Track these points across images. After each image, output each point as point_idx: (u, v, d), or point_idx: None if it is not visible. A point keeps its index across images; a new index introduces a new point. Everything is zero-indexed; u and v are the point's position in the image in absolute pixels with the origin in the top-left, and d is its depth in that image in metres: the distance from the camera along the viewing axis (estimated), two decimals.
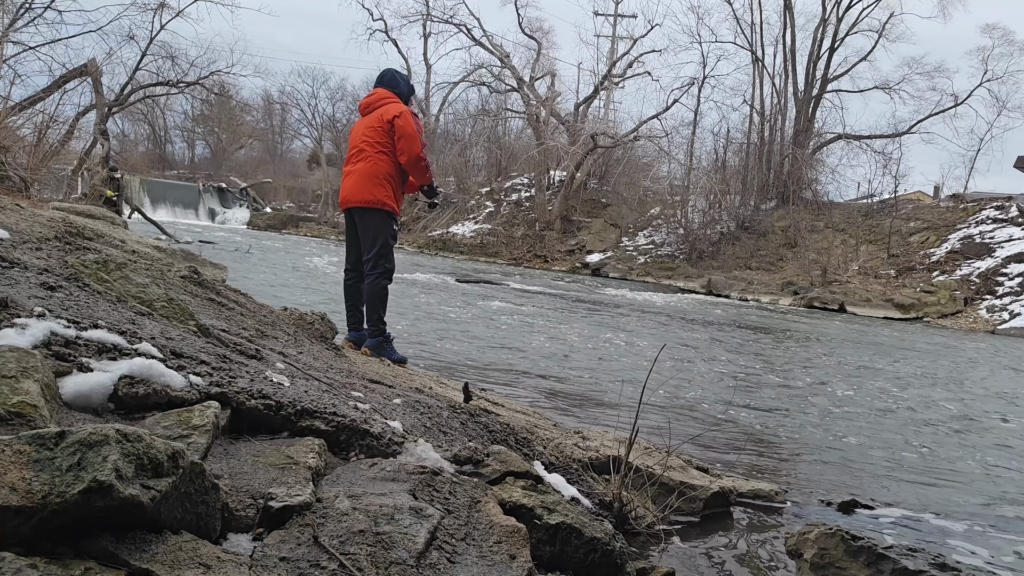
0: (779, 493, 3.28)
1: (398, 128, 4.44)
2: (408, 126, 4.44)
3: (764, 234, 27.02)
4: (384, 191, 4.48)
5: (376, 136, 4.49)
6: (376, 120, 4.51)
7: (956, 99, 29.48)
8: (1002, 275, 20.77)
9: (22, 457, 1.08)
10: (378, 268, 4.50)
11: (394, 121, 4.45)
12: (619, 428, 3.85)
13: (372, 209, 4.48)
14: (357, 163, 4.54)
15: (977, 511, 3.47)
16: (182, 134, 51.36)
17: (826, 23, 29.70)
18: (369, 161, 4.49)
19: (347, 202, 4.58)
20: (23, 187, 8.78)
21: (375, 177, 4.47)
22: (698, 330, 11.24)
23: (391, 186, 4.52)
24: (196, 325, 2.59)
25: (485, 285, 15.79)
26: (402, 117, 4.45)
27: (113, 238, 5.00)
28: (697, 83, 30.33)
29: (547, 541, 1.91)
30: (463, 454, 2.08)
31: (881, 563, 2.04)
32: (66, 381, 1.58)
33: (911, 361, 9.80)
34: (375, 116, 4.53)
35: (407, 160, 4.47)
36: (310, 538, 1.36)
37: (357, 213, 4.56)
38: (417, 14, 34.29)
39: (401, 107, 4.53)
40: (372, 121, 4.53)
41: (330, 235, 33.73)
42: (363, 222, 4.54)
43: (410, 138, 4.43)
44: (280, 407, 1.90)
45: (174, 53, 25.46)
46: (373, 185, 4.46)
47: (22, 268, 2.38)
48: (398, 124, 4.44)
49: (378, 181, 4.47)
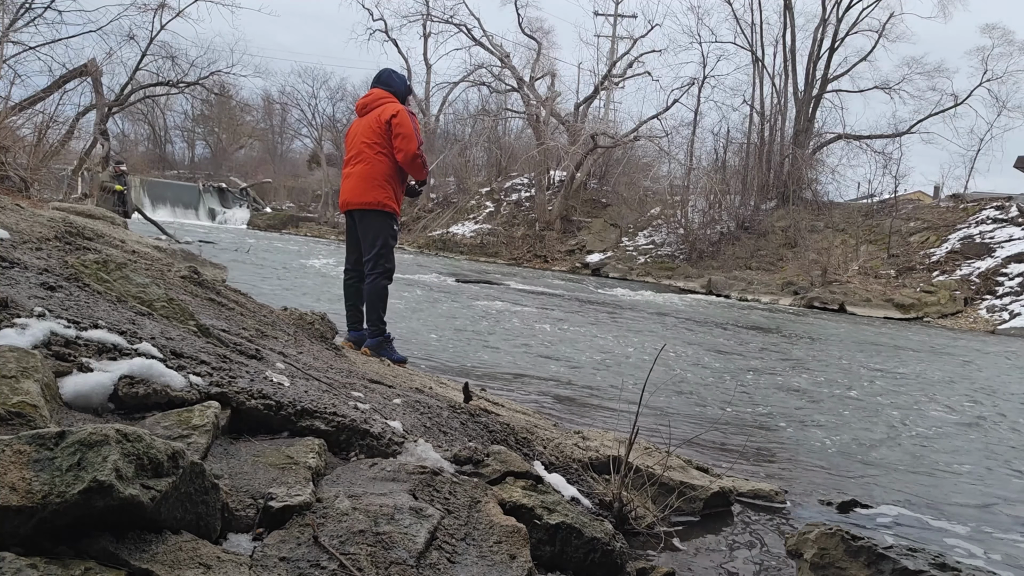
0: (779, 493, 3.28)
1: (395, 126, 4.45)
2: (405, 124, 4.45)
3: (764, 234, 27.02)
4: (384, 192, 4.49)
5: (375, 137, 4.50)
6: (374, 121, 4.52)
7: (956, 99, 29.48)
8: (1002, 275, 20.77)
9: (22, 457, 1.08)
10: (378, 268, 4.51)
11: (391, 120, 4.46)
12: (619, 428, 3.85)
13: (373, 211, 4.50)
14: (356, 165, 4.56)
15: (977, 511, 3.47)
16: (182, 134, 51.39)
17: (826, 23, 29.70)
18: (368, 163, 4.50)
19: (347, 204, 4.59)
20: (23, 187, 8.78)
21: (375, 179, 4.48)
22: (698, 330, 11.24)
23: (391, 187, 4.53)
24: (196, 325, 2.59)
25: (485, 285, 15.79)
26: (399, 116, 4.47)
27: (113, 238, 5.00)
28: (697, 83, 30.33)
29: (547, 541, 1.91)
30: (463, 454, 2.08)
31: (881, 563, 2.04)
32: (66, 381, 1.58)
33: (911, 361, 9.80)
34: (372, 117, 4.54)
35: (403, 158, 4.48)
36: (310, 538, 1.36)
37: (357, 215, 4.58)
38: (417, 14, 34.30)
39: (398, 106, 4.54)
40: (370, 122, 4.54)
41: (330, 235, 33.73)
42: (363, 223, 4.55)
43: (407, 136, 4.44)
44: (280, 407, 1.90)
45: (174, 53, 25.48)
46: (373, 187, 4.48)
47: (22, 268, 2.38)
48: (395, 123, 4.46)
49: (378, 183, 4.48)
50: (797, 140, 29.27)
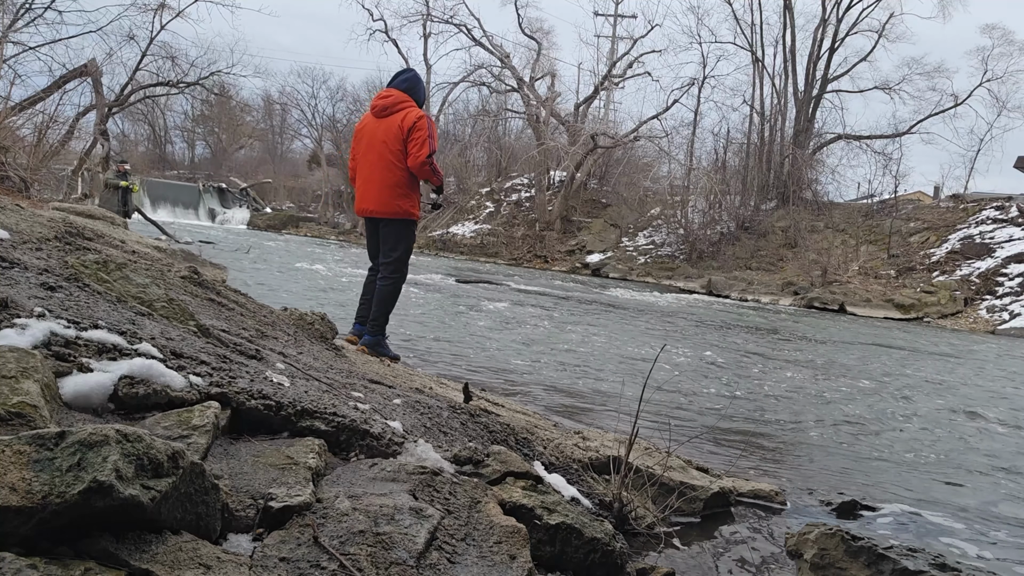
0: (779, 493, 3.28)
1: (413, 130, 4.42)
2: (422, 130, 4.42)
3: (764, 234, 27.02)
4: (409, 201, 4.51)
5: (397, 144, 4.45)
6: (396, 128, 4.45)
7: (956, 99, 29.48)
8: (1002, 275, 20.77)
9: (22, 457, 1.08)
10: (398, 274, 4.60)
11: (414, 125, 4.42)
12: (619, 428, 3.85)
13: (398, 220, 4.53)
14: (377, 171, 4.51)
15: (977, 511, 3.47)
16: (182, 134, 51.33)
17: (826, 23, 29.71)
18: (390, 170, 4.47)
19: (370, 212, 4.59)
20: (23, 187, 8.78)
21: (398, 187, 4.47)
22: (698, 331, 11.24)
23: (415, 194, 4.55)
24: (196, 325, 2.59)
25: (485, 286, 15.79)
26: (420, 121, 4.43)
27: (113, 238, 5.00)
28: (697, 83, 30.34)
29: (547, 541, 1.91)
30: (463, 454, 2.08)
31: (881, 563, 2.04)
32: (66, 381, 1.58)
33: (911, 361, 9.80)
34: (395, 122, 4.47)
35: (412, 162, 4.43)
36: (310, 538, 1.36)
37: (381, 222, 4.60)
38: (417, 14, 34.25)
39: (420, 112, 4.53)
40: (392, 128, 4.47)
41: (330, 235, 33.73)
42: (387, 230, 4.58)
43: (420, 142, 4.41)
44: (280, 407, 1.90)
45: (174, 53, 25.44)
46: (398, 196, 4.48)
47: (22, 268, 2.38)
48: (414, 127, 4.42)
49: (402, 191, 4.48)
50: (797, 140, 29.27)
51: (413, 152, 4.43)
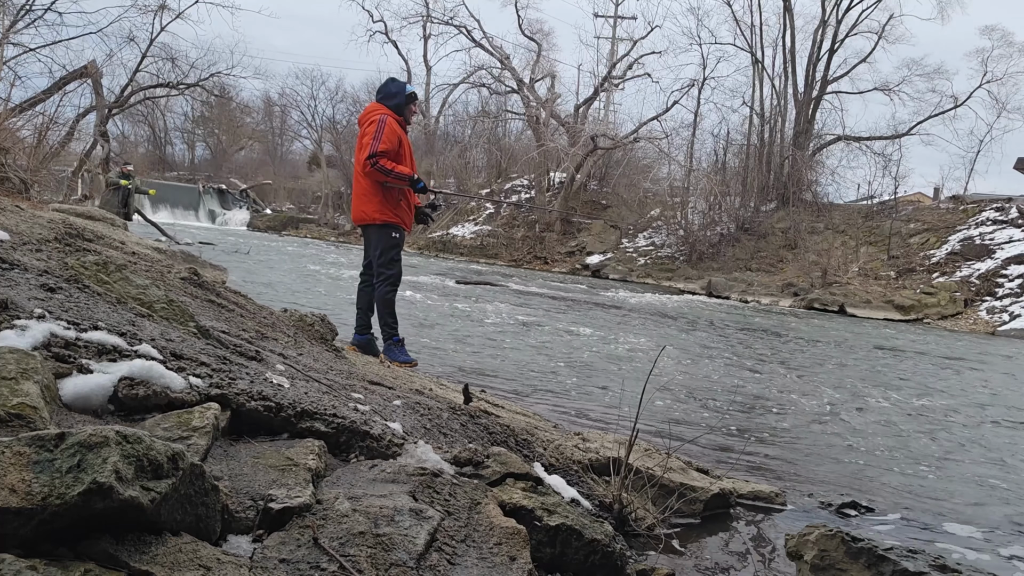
0: (779, 494, 3.27)
1: (363, 136, 4.61)
2: (368, 134, 4.57)
3: (764, 236, 27.01)
4: (372, 205, 4.67)
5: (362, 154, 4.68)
6: (362, 138, 4.69)
7: (956, 101, 29.48)
8: (1002, 276, 20.76)
9: (22, 459, 1.08)
10: (383, 276, 4.74)
11: (365, 131, 4.61)
12: (619, 430, 3.85)
13: (372, 225, 4.74)
14: (355, 181, 4.80)
15: (977, 512, 3.46)
16: (182, 136, 51.33)
17: (826, 25, 29.71)
18: (359, 179, 4.72)
19: (354, 221, 4.94)
20: (23, 189, 8.77)
21: (365, 195, 4.69)
22: (698, 332, 11.24)
23: (379, 197, 4.67)
24: (196, 327, 2.59)
25: (485, 287, 15.79)
26: (371, 127, 4.57)
27: (113, 240, 5.00)
28: (697, 85, 30.34)
29: (547, 543, 1.91)
30: (463, 456, 2.07)
31: (881, 565, 2.04)
32: (66, 383, 1.58)
33: (911, 362, 9.80)
34: (362, 133, 4.71)
35: (358, 168, 4.65)
36: (310, 540, 1.36)
37: (362, 228, 4.88)
38: (417, 16, 34.34)
39: (377, 116, 4.61)
40: (360, 139, 4.72)
41: (330, 236, 33.73)
42: (367, 236, 4.85)
43: (364, 145, 4.59)
44: (280, 409, 1.90)
45: (174, 55, 25.50)
46: (364, 203, 4.70)
47: (22, 270, 2.38)
48: (364, 132, 4.60)
49: (367, 198, 4.68)
50: (797, 142, 29.27)
51: (357, 155, 4.68)
